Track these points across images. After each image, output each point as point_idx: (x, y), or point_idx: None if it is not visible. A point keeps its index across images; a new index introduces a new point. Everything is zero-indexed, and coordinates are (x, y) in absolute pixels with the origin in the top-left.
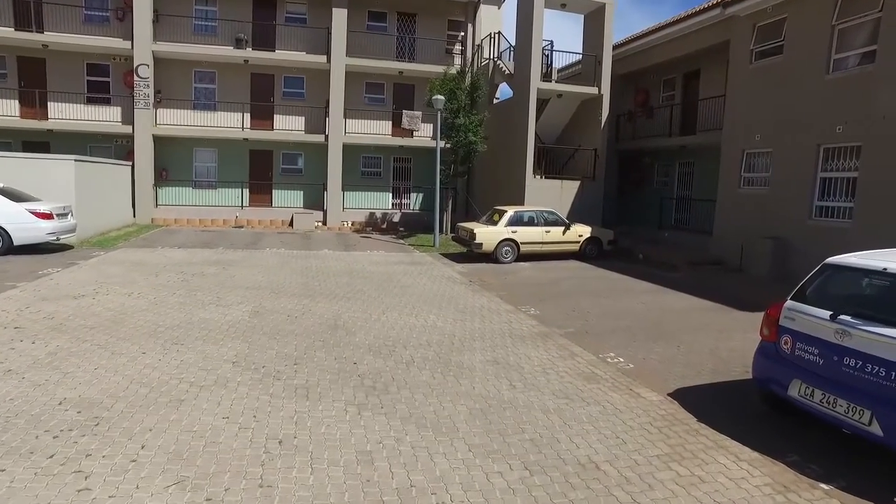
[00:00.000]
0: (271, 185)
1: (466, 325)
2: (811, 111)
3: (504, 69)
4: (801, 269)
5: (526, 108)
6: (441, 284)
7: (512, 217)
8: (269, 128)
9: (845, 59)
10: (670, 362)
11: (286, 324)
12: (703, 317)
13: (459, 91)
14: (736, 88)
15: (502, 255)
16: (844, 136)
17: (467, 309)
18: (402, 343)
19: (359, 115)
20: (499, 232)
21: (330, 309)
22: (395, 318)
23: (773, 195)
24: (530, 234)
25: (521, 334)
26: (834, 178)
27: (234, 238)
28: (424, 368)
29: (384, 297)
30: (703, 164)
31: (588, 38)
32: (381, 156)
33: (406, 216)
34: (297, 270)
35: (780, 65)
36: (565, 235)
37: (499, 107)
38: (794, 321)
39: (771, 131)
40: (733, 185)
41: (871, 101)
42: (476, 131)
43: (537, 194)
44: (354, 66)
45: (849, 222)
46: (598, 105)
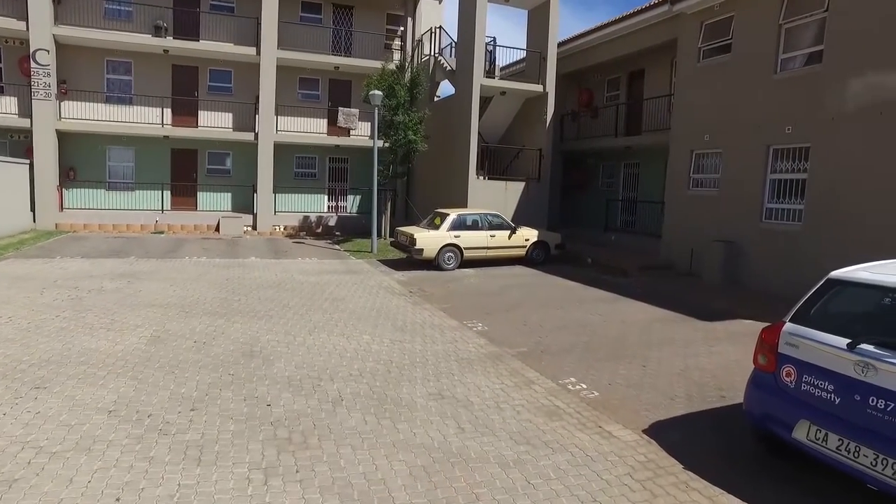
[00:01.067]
0: (196, 186)
1: (406, 347)
2: (760, 111)
3: (445, 65)
4: (752, 273)
5: (468, 106)
6: (378, 296)
7: (454, 220)
8: (193, 125)
9: (793, 58)
10: (639, 387)
11: (191, 352)
12: (664, 329)
13: (398, 87)
14: (684, 87)
15: (445, 261)
16: (794, 137)
17: (407, 326)
18: (330, 373)
19: (292, 112)
20: (441, 237)
21: (247, 330)
22: (323, 340)
23: (723, 197)
24: (474, 238)
25: (469, 357)
26: (784, 179)
27: (151, 245)
28: (355, 409)
29: (313, 313)
30: (648, 165)
31: (532, 34)
32: (316, 156)
33: (343, 219)
34: (217, 283)
35: (728, 63)
36: (511, 240)
37: (440, 105)
38: (798, 349)
39: (720, 131)
40: (682, 187)
41: (819, 102)
42: (416, 129)
43: (481, 196)
44: (287, 60)
45: (800, 225)
46: (543, 103)
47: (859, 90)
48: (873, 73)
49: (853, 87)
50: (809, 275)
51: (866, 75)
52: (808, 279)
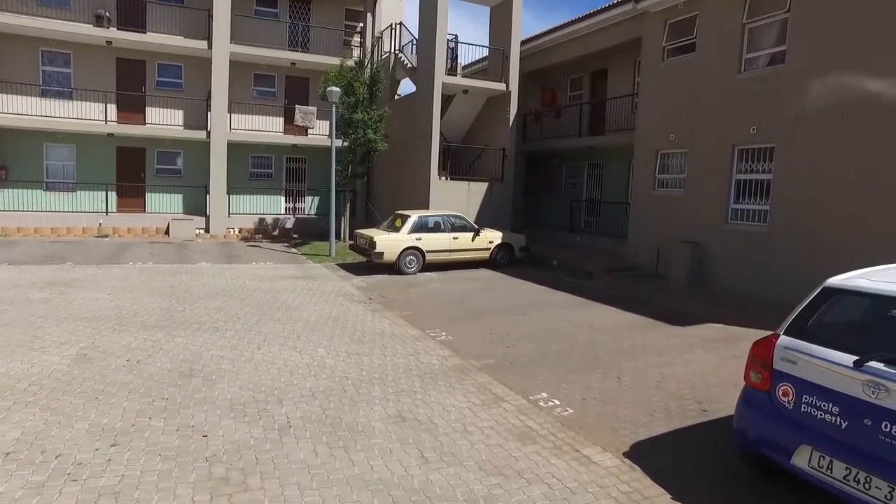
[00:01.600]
0: (144, 187)
1: (364, 360)
2: (725, 111)
3: (406, 63)
4: (719, 275)
5: (430, 104)
6: (335, 304)
7: (416, 223)
8: (140, 122)
9: (757, 58)
10: (615, 401)
11: (121, 373)
12: (635, 336)
13: (357, 84)
14: (648, 86)
15: (406, 265)
16: (759, 138)
17: (366, 337)
18: (279, 394)
19: (247, 109)
20: (401, 239)
21: (189, 345)
22: (273, 354)
23: (688, 198)
24: (436, 241)
25: (432, 371)
26: (750, 180)
27: (92, 250)
28: (304, 437)
29: (264, 324)
30: (612, 165)
31: (495, 31)
32: (273, 155)
33: (301, 222)
34: (160, 291)
35: (692, 63)
36: (475, 242)
37: (400, 103)
38: (797, 366)
39: (685, 131)
40: (647, 188)
41: (782, 103)
42: (376, 128)
43: (443, 197)
44: (241, 55)
45: (765, 226)
46: (506, 102)
47: (822, 91)
48: (835, 74)
49: (815, 88)
50: (776, 276)
51: (828, 76)
52: (774, 281)
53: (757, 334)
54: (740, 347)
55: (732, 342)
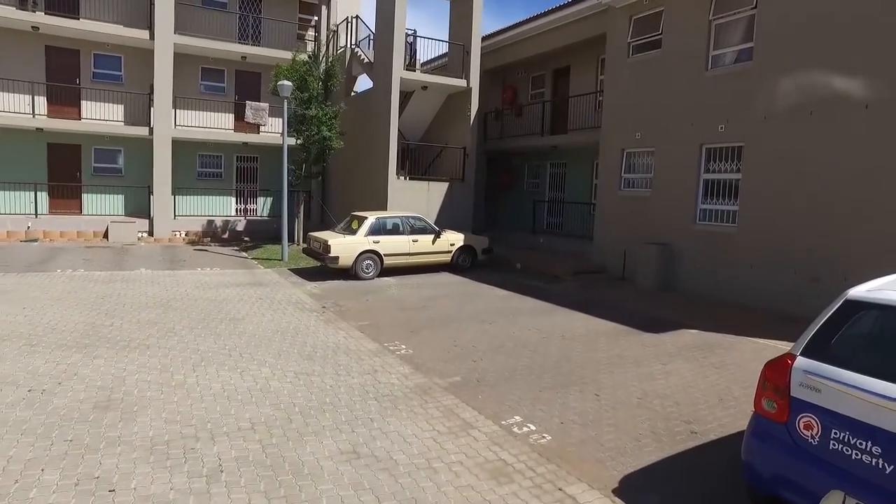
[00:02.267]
0: (80, 187)
1: (314, 381)
2: (693, 109)
3: (363, 57)
4: (688, 277)
5: (388, 101)
6: (285, 314)
7: (373, 225)
8: (74, 116)
9: (724, 55)
10: (596, 424)
11: (20, 408)
12: (610, 345)
13: (311, 79)
14: (614, 83)
15: (363, 269)
16: (727, 136)
17: (317, 352)
18: (212, 428)
19: (193, 105)
20: (358, 242)
21: (111, 369)
22: (210, 377)
23: (656, 198)
24: (395, 244)
25: (392, 392)
26: (718, 179)
27: (17, 256)
28: (238, 485)
29: (203, 339)
30: (575, 164)
31: (455, 27)
32: (223, 154)
33: (252, 224)
34: (88, 302)
35: (659, 59)
36: (435, 245)
37: (357, 99)
38: (821, 394)
39: (652, 129)
40: (613, 187)
41: (750, 100)
42: (331, 125)
43: (402, 198)
44: (186, 47)
45: (734, 227)
46: (467, 99)
47: (789, 89)
48: (803, 71)
49: (783, 86)
50: (746, 278)
51: (796, 74)
52: (745, 283)
53: (734, 341)
54: (718, 356)
55: (710, 350)
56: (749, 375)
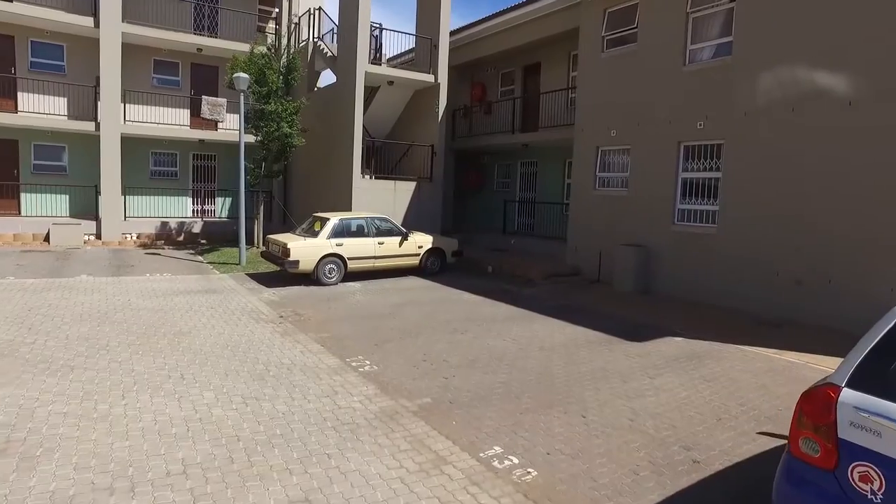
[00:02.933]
0: (18, 186)
1: (264, 408)
2: (670, 105)
3: (326, 51)
4: (667, 279)
5: (352, 96)
6: (238, 325)
7: (336, 226)
8: (9, 108)
9: (702, 49)
10: (587, 454)
11: None
12: (592, 356)
13: (270, 72)
14: (587, 79)
15: (325, 274)
16: (706, 133)
17: (270, 371)
18: (133, 475)
19: (145, 99)
20: (320, 245)
21: (19, 398)
22: (141, 405)
23: (632, 197)
24: (360, 246)
25: (353, 419)
26: (697, 178)
27: None
28: None
29: (140, 358)
30: (546, 163)
31: (422, 20)
32: (178, 152)
33: (210, 226)
34: (12, 316)
35: (634, 54)
36: (402, 247)
37: (320, 95)
38: (882, 439)
39: (628, 126)
40: (588, 187)
41: (730, 96)
42: (291, 121)
43: (367, 198)
44: (136, 37)
45: (714, 228)
46: (435, 95)
47: (771, 85)
48: (784, 67)
49: (764, 82)
50: (727, 281)
51: (777, 69)
52: (726, 286)
53: (721, 349)
54: (708, 367)
55: (698, 360)
56: (742, 389)
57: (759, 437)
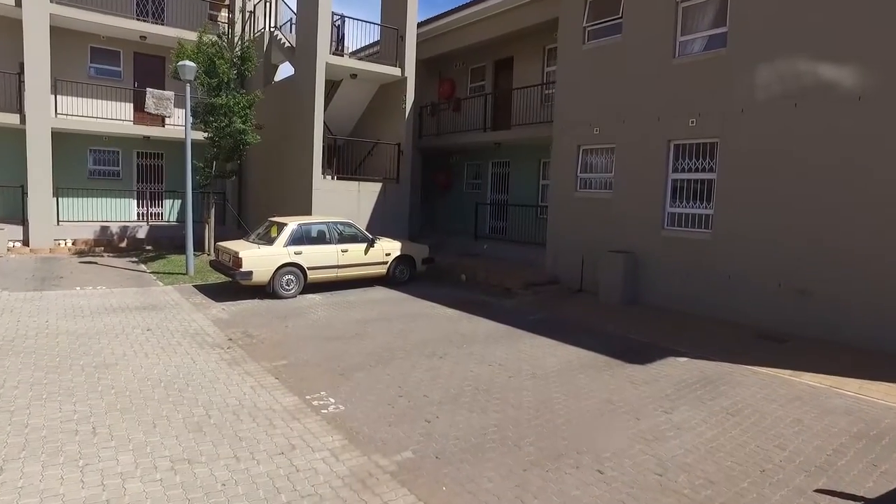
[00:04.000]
0: None
1: (199, 477)
2: (659, 101)
3: (284, 42)
4: (657, 289)
5: (312, 90)
6: (177, 353)
7: (295, 232)
8: None
9: (693, 41)
10: None
11: None
12: (592, 384)
13: (221, 62)
14: (568, 73)
15: (282, 286)
16: (698, 131)
17: (211, 417)
18: None
19: (81, 91)
20: (276, 254)
21: None
22: (25, 483)
23: (618, 200)
24: (321, 255)
25: (315, 490)
26: (689, 180)
27: None
28: None
29: (42, 404)
30: (520, 163)
31: (388, 9)
32: (120, 149)
33: (156, 231)
34: None
35: (619, 46)
36: (368, 255)
37: (277, 89)
38: None
39: (612, 124)
40: (568, 188)
41: (726, 91)
42: (245, 116)
43: (328, 200)
44: (68, 20)
45: (709, 233)
46: (402, 90)
47: (770, 78)
48: (785, 58)
49: (763, 75)
50: (723, 290)
51: (777, 61)
52: (722, 295)
53: (732, 371)
54: (726, 396)
55: (713, 387)
56: (775, 425)
57: (819, 496)
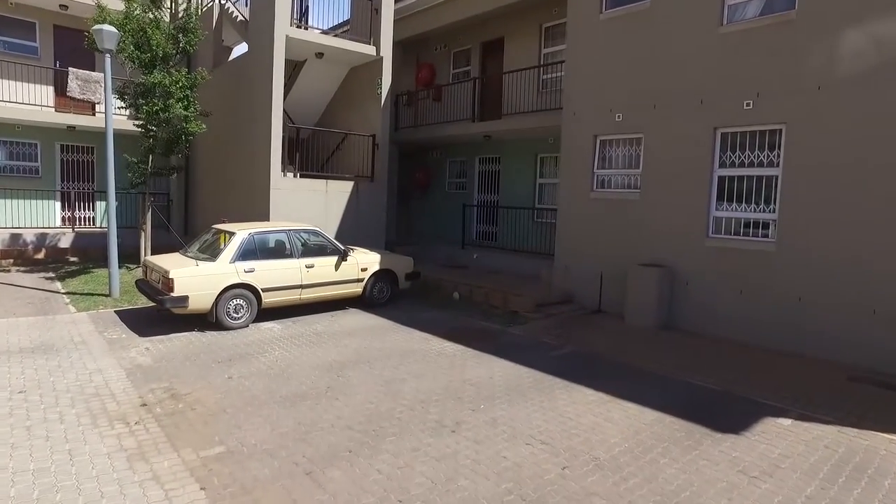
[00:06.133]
0: None
1: None
2: (701, 79)
3: (236, 15)
4: (698, 311)
5: (268, 70)
6: (56, 439)
7: (245, 244)
8: None
9: (746, 3)
10: None
11: None
12: (685, 475)
13: (156, 31)
14: (581, 47)
15: (229, 314)
16: (756, 116)
17: None
18: None
19: None
20: (220, 273)
21: None
22: None
23: (647, 201)
24: (280, 272)
25: None
26: (742, 176)
27: None
28: None
29: None
30: (512, 159)
31: None
32: (38, 141)
33: (84, 239)
34: None
35: (647, 14)
36: (340, 271)
37: (229, 70)
38: None
39: (640, 109)
40: (583, 188)
41: (795, 64)
42: (187, 99)
43: (290, 203)
44: None
45: (772, 243)
46: (376, 72)
47: (860, 44)
48: (878, 17)
49: (848, 41)
50: (792, 314)
51: (867, 22)
52: (789, 322)
53: (868, 442)
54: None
55: (871, 481)
56: None
57: None
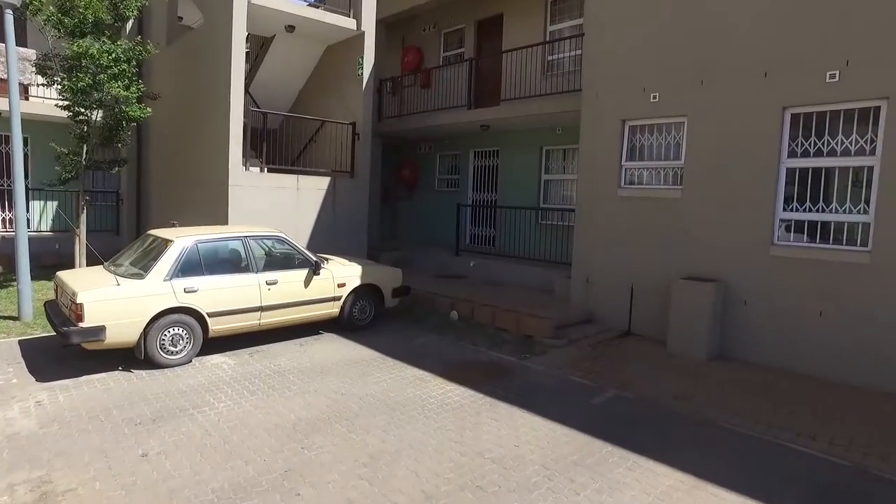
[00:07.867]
0: None
1: None
2: (763, 46)
3: None
4: (761, 337)
5: (227, 45)
6: None
7: (186, 254)
8: None
9: None
10: None
11: None
12: None
13: None
14: (606, 14)
15: (164, 349)
16: (842, 92)
17: None
18: None
19: None
20: (150, 294)
21: None
22: None
23: (691, 200)
24: (233, 291)
25: None
26: (821, 168)
27: None
28: None
29: None
30: (513, 152)
31: None
32: None
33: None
34: None
35: None
36: (311, 287)
37: (184, 47)
38: None
39: (682, 85)
40: (607, 184)
41: None
42: (128, 78)
43: (254, 202)
44: None
45: (865, 252)
46: (357, 51)
47: None
48: None
49: None
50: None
51: None
52: (890, 350)
53: None
54: None
55: None
56: None
57: None
